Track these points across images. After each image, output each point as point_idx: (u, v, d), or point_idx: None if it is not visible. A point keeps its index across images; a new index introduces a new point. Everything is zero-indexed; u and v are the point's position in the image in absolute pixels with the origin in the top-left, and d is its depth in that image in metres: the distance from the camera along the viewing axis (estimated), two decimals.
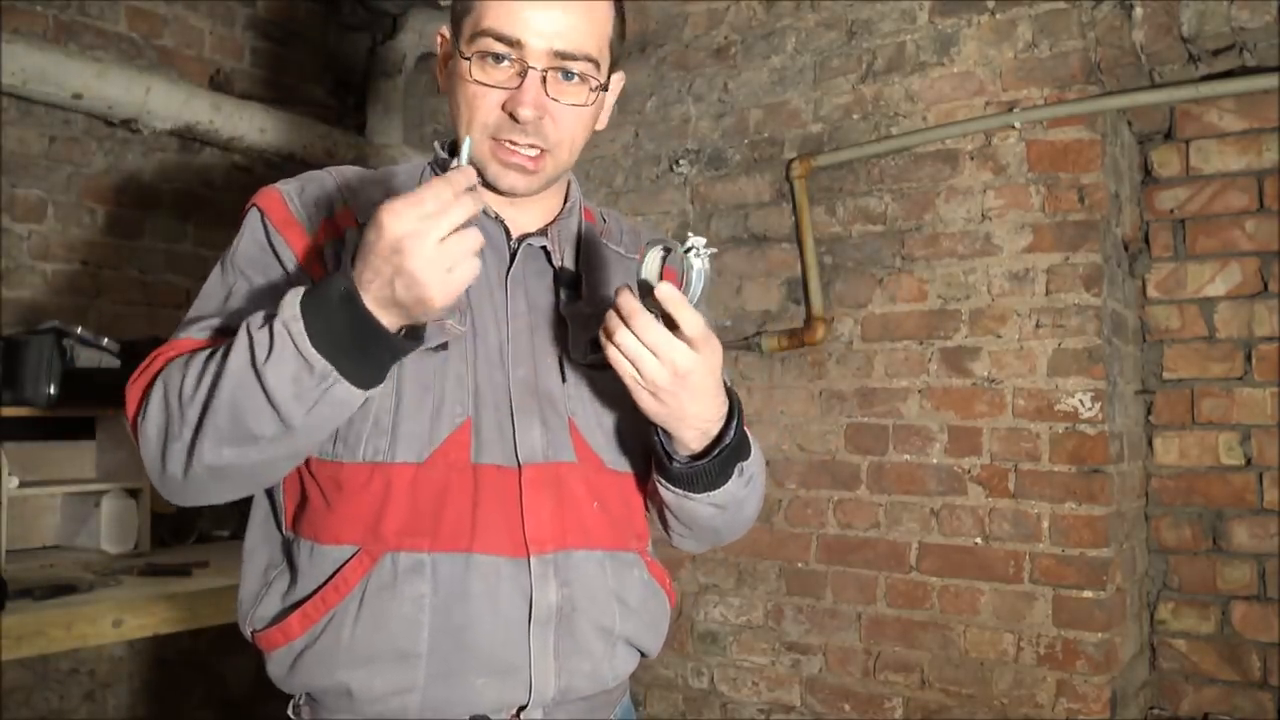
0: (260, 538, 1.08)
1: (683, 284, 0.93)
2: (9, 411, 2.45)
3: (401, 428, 0.99)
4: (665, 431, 1.00)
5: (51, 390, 2.48)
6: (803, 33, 2.78)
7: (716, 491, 1.04)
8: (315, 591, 1.00)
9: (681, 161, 2.98)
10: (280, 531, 1.07)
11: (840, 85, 2.70)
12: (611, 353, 0.93)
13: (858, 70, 2.68)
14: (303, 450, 0.96)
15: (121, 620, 2.04)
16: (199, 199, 3.26)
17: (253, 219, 1.06)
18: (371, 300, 0.85)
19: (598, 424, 1.08)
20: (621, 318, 0.91)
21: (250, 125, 3.11)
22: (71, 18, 2.91)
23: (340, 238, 1.03)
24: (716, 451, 1.01)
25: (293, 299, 0.87)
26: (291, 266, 1.03)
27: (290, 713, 1.08)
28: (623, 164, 3.08)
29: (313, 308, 0.85)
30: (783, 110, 2.80)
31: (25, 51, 2.61)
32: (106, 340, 2.64)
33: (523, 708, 1.01)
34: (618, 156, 3.09)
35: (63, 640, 1.97)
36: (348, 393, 0.88)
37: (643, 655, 1.13)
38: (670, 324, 0.91)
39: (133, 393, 0.99)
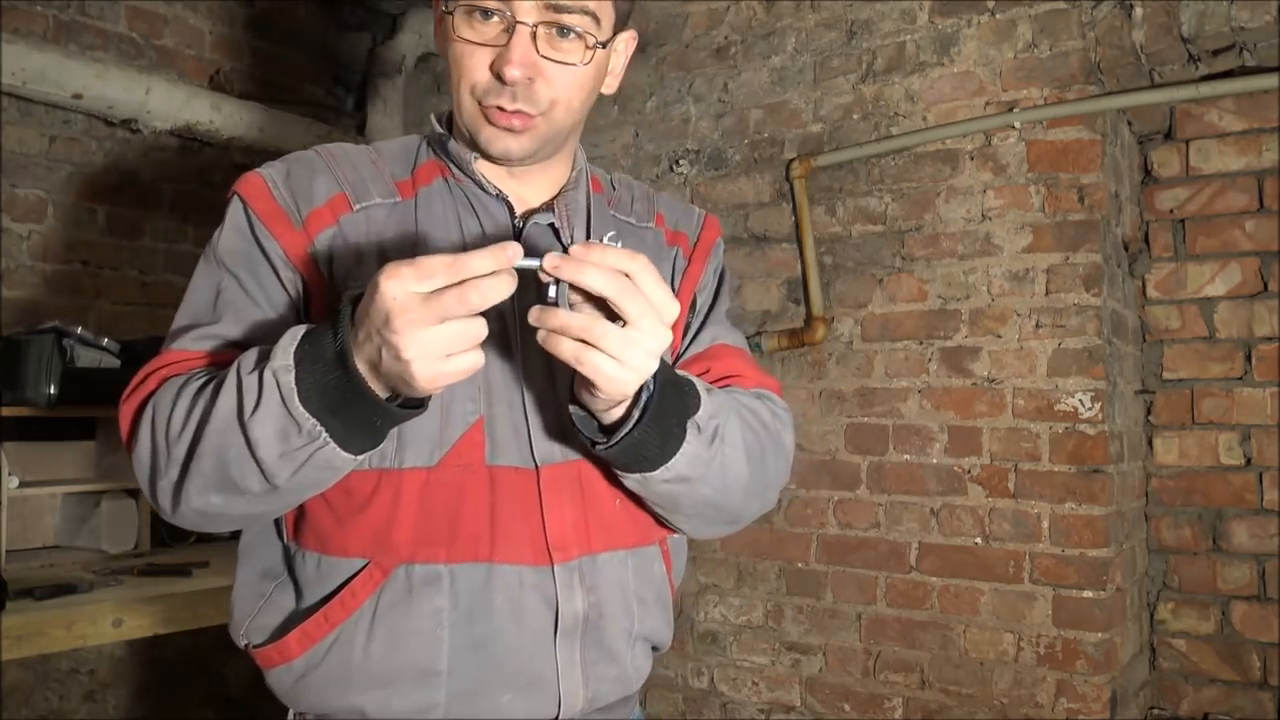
0: (258, 538, 1.01)
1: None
2: (9, 411, 2.45)
3: (409, 430, 0.90)
4: (580, 413, 0.87)
5: (51, 390, 2.48)
6: (803, 33, 2.78)
7: (675, 460, 0.87)
8: (317, 608, 0.93)
9: (681, 161, 2.98)
10: (280, 539, 0.99)
11: (840, 85, 2.70)
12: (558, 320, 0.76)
13: (858, 70, 2.68)
14: (293, 504, 0.91)
15: (121, 620, 2.04)
16: (199, 199, 3.26)
17: (234, 210, 0.98)
18: (363, 363, 0.77)
19: None
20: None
21: (250, 125, 3.11)
22: (71, 18, 2.91)
23: (335, 225, 0.96)
24: (638, 413, 0.83)
25: (288, 344, 0.79)
26: (279, 262, 0.95)
27: None
28: (623, 164, 3.08)
29: (307, 359, 0.78)
30: (783, 110, 2.80)
31: (25, 51, 2.61)
32: (106, 340, 2.64)
33: (553, 718, 0.96)
34: (617, 156, 3.09)
35: (63, 640, 1.97)
36: (336, 457, 0.81)
37: (655, 649, 1.08)
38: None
39: (125, 411, 0.93)
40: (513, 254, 0.73)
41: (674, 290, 1.08)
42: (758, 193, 2.84)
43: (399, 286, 0.72)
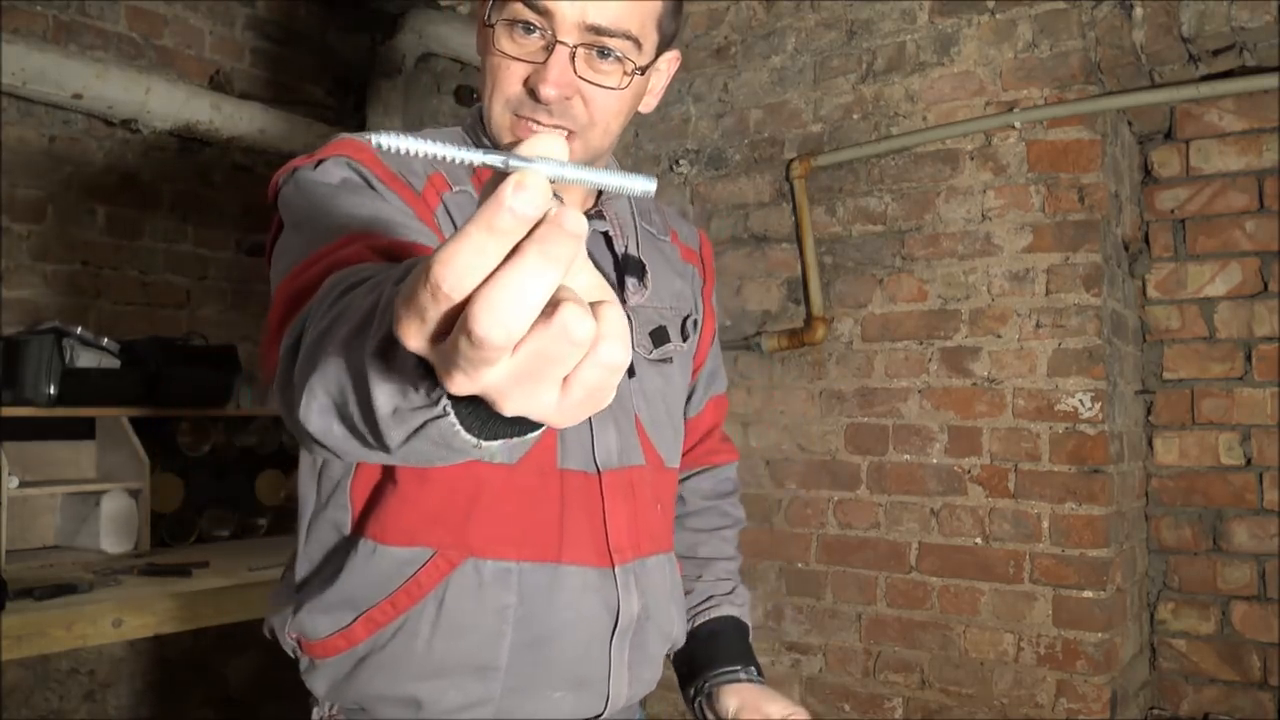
0: (315, 541, 0.99)
1: None
2: (9, 411, 2.45)
3: None
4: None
5: (51, 390, 2.48)
6: (803, 33, 2.78)
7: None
8: (385, 597, 0.93)
9: (681, 161, 2.98)
10: (338, 533, 0.97)
11: (840, 85, 2.70)
12: None
13: (858, 70, 2.68)
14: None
15: (121, 620, 2.04)
16: (199, 199, 3.26)
17: (338, 168, 0.87)
18: None
19: (657, 421, 1.06)
20: None
21: (250, 125, 3.11)
22: (71, 18, 2.91)
23: (441, 204, 0.94)
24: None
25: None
26: (416, 224, 0.86)
27: None
28: (623, 164, 3.07)
29: None
30: (783, 110, 2.80)
31: (25, 51, 2.61)
32: (106, 340, 2.64)
33: (596, 716, 1.00)
34: (617, 156, 3.08)
35: (63, 640, 1.97)
36: (455, 437, 0.49)
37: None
38: None
39: (281, 295, 0.74)
40: (516, 196, 0.39)
41: (701, 309, 1.16)
42: (758, 193, 2.84)
43: (414, 343, 0.44)
